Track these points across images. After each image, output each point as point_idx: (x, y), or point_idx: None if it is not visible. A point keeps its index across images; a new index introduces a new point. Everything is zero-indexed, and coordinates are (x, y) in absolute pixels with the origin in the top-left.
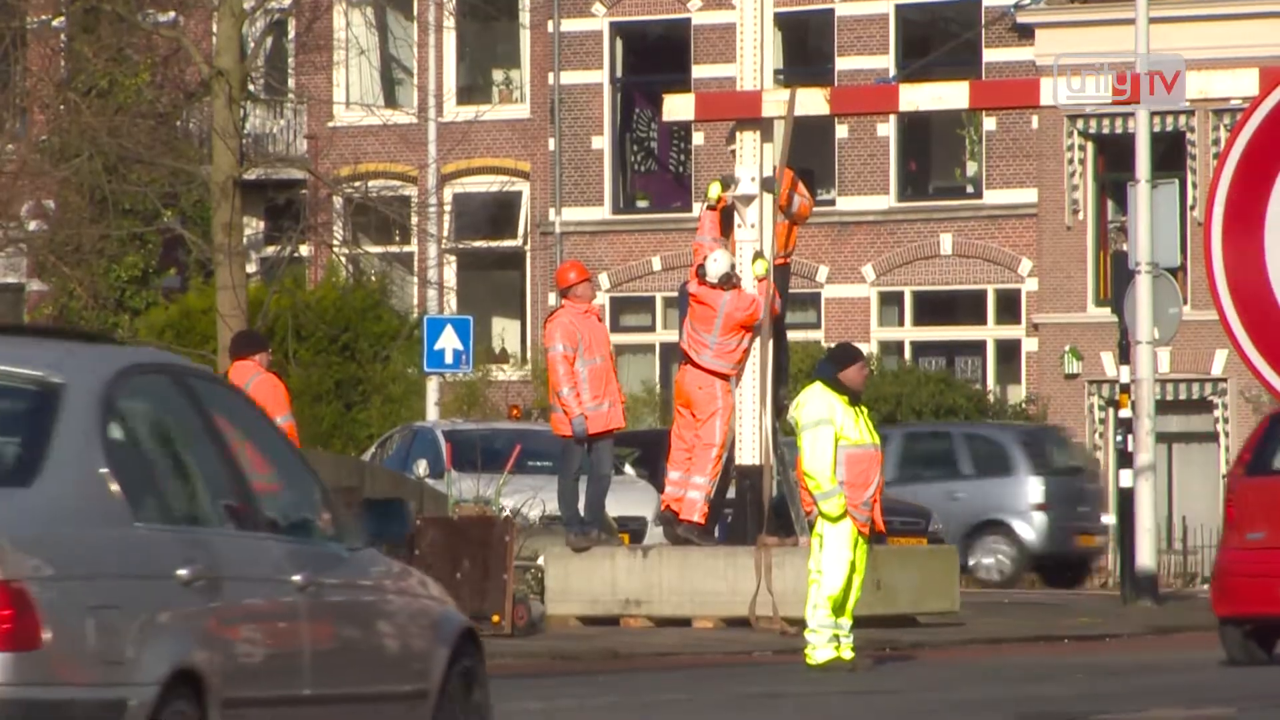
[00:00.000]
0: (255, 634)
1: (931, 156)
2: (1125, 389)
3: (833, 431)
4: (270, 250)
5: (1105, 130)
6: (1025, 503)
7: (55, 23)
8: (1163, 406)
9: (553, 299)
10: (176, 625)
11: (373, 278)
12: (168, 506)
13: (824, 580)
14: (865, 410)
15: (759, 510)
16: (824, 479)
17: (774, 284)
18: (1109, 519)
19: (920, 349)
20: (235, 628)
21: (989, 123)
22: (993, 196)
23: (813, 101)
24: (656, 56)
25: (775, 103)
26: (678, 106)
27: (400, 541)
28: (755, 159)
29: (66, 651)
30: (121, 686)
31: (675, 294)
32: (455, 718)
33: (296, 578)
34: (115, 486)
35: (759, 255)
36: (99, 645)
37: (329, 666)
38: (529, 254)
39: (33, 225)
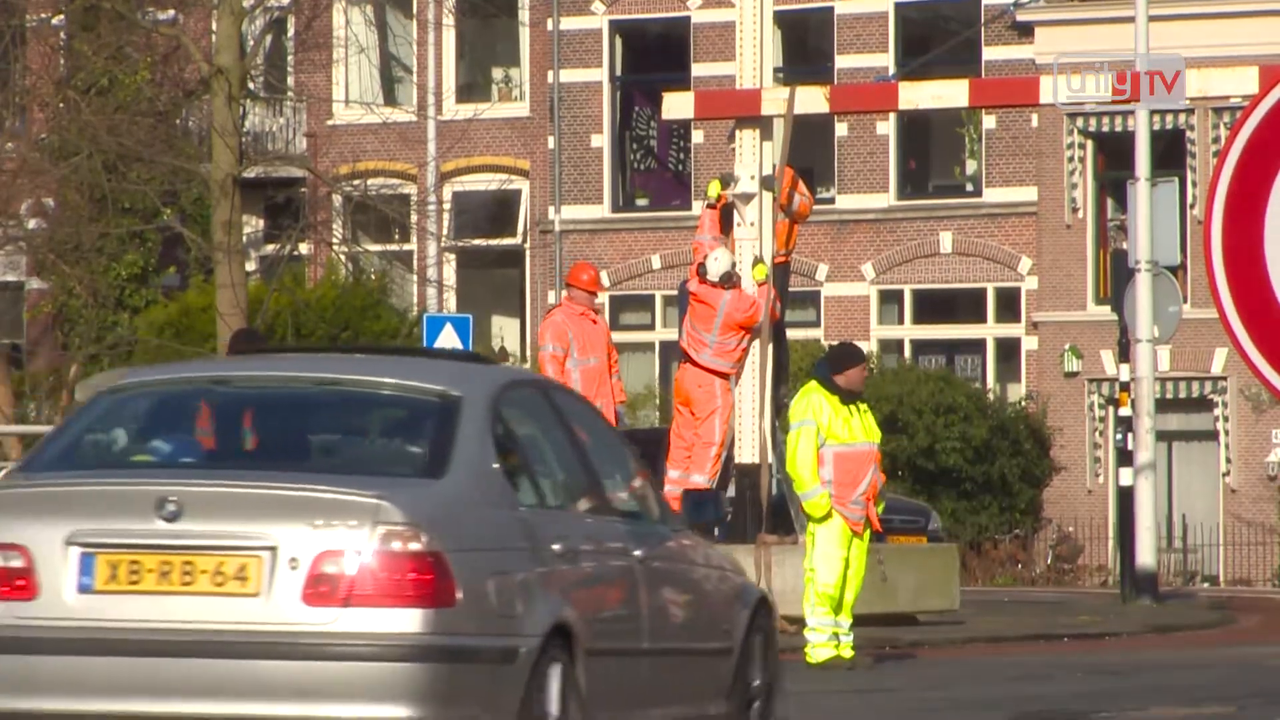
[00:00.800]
0: (608, 597)
1: (931, 155)
2: (1125, 387)
3: (814, 431)
4: (270, 248)
5: (1105, 128)
6: None
7: (55, 21)
8: (1162, 405)
9: (552, 296)
10: (553, 588)
11: (372, 276)
12: (541, 493)
13: (816, 577)
14: (865, 408)
15: (758, 509)
16: (804, 478)
17: (774, 285)
18: None
19: (920, 347)
20: (594, 591)
21: (989, 121)
22: (992, 195)
23: (812, 100)
24: (656, 55)
25: (775, 101)
26: (677, 105)
27: (711, 525)
28: (755, 157)
29: (473, 608)
30: (514, 637)
31: (675, 292)
32: (752, 670)
33: (636, 552)
34: (503, 477)
35: (759, 260)
36: (497, 603)
37: (660, 625)
38: (528, 252)
39: (32, 223)
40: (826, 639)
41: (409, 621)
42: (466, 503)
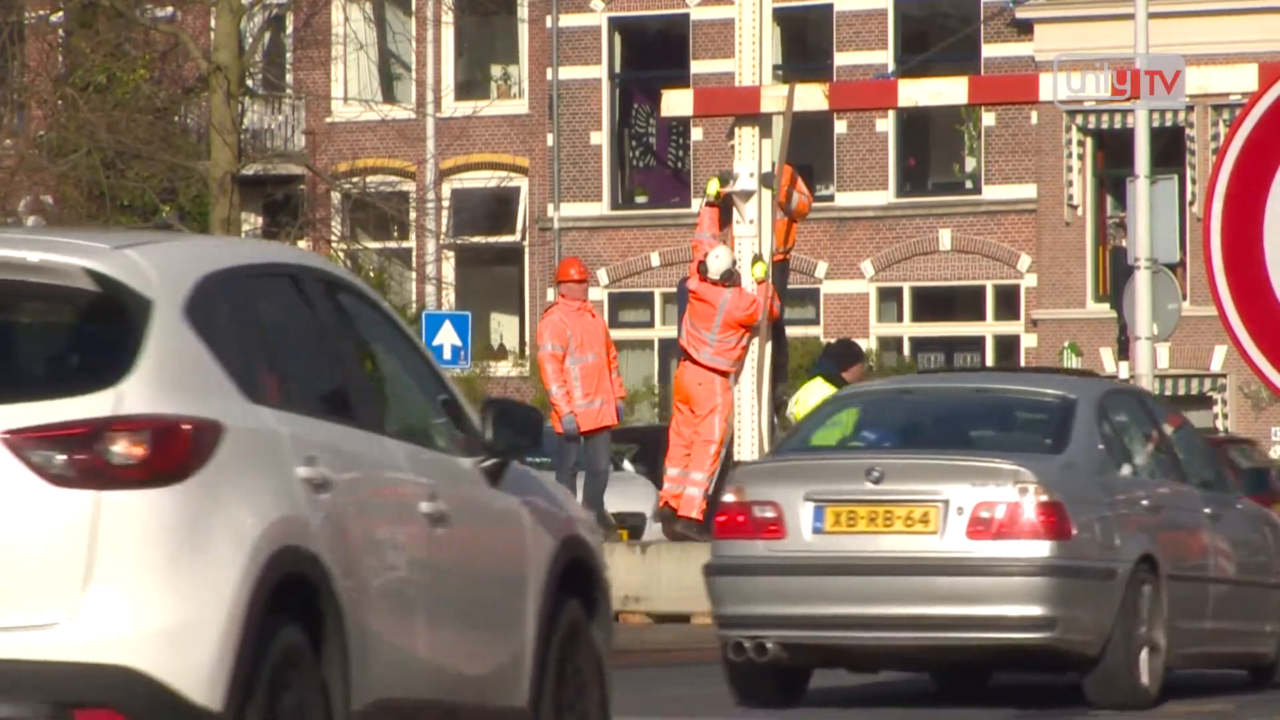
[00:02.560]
0: (1183, 540)
1: (930, 152)
2: None
3: None
4: None
5: (1104, 126)
6: None
7: (54, 18)
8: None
9: (551, 294)
10: (1141, 530)
11: (371, 273)
12: (1135, 466)
13: None
14: None
15: None
16: None
17: (773, 283)
18: None
19: (919, 345)
20: (1172, 535)
21: (988, 118)
22: (992, 192)
23: (811, 97)
24: (655, 52)
25: (774, 98)
26: (676, 102)
27: (1265, 493)
28: (754, 155)
29: (1084, 540)
30: (1114, 561)
31: (674, 290)
32: None
33: (1205, 510)
34: (1106, 453)
35: (758, 258)
36: (1100, 538)
37: (1223, 563)
38: (527, 249)
39: (31, 220)
40: None
41: (1040, 549)
42: (1079, 469)
